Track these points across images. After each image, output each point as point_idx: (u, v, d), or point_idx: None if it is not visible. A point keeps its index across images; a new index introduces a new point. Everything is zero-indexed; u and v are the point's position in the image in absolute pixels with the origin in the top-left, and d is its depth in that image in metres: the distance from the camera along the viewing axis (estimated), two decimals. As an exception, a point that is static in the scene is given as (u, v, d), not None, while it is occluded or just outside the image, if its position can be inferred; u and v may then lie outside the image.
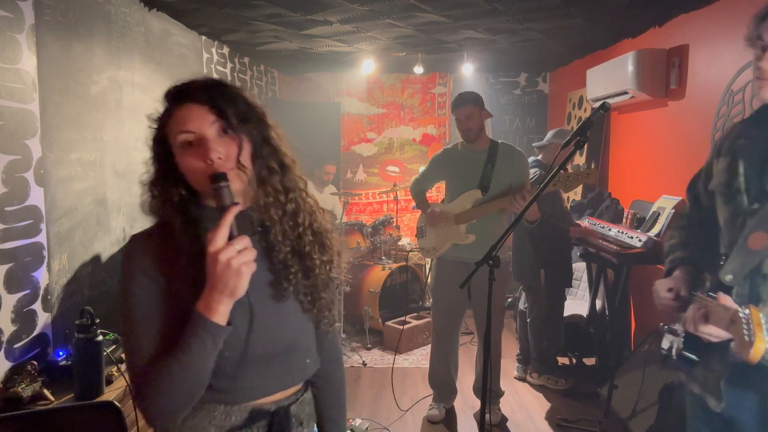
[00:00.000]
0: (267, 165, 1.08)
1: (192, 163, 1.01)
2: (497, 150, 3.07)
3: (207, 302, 0.95)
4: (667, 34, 3.54)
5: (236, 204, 0.97)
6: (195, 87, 1.05)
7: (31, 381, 1.96)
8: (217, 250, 0.94)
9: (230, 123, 1.03)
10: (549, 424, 3.24)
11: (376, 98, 6.39)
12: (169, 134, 1.04)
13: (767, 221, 1.24)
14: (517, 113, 6.24)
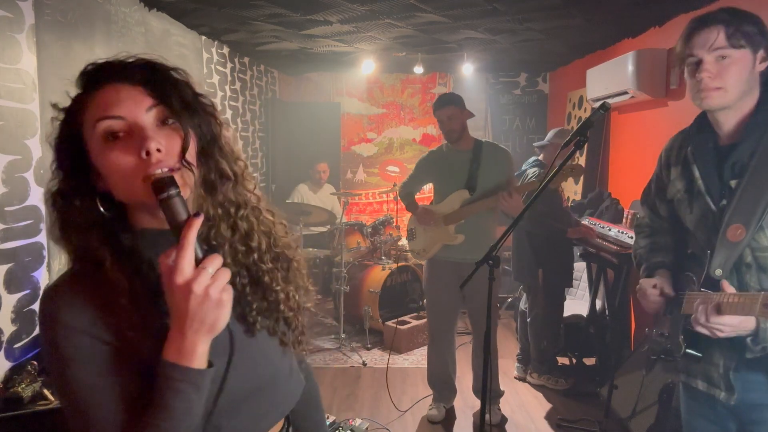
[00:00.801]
0: (218, 168, 0.86)
1: (118, 160, 0.77)
2: (482, 149, 3.09)
3: (179, 347, 0.74)
4: (667, 34, 3.54)
5: (198, 215, 0.75)
6: (125, 65, 0.82)
7: (31, 381, 1.96)
8: (187, 280, 0.72)
9: (173, 109, 0.80)
10: (549, 424, 3.24)
11: (376, 98, 6.40)
12: (84, 125, 0.79)
13: (739, 213, 1.32)
14: (517, 113, 6.24)
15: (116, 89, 0.79)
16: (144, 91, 0.80)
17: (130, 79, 0.80)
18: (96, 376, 0.77)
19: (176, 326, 0.74)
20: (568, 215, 3.74)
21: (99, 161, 0.78)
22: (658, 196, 1.69)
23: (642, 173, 3.95)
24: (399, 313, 4.67)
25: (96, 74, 0.81)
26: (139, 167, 0.76)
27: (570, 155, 1.81)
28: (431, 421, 3.28)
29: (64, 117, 0.82)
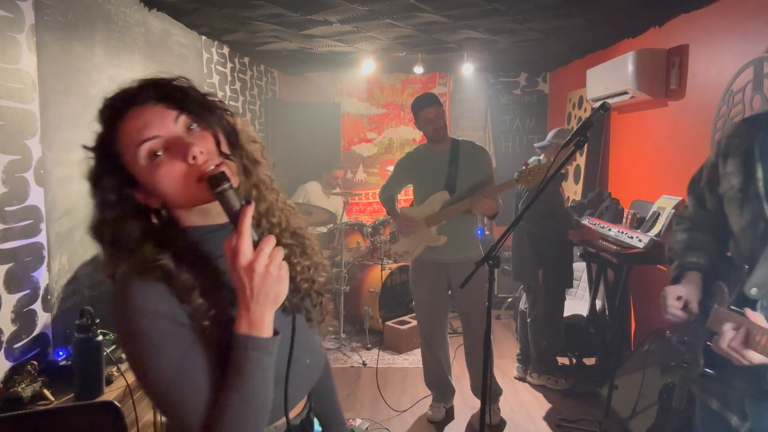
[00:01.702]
0: (247, 153, 0.95)
1: (170, 171, 0.85)
2: (459, 149, 3.10)
3: (248, 320, 0.84)
4: (667, 34, 3.54)
5: (250, 203, 0.85)
6: (136, 90, 0.89)
7: (31, 381, 1.96)
8: (250, 261, 0.82)
9: (195, 114, 0.88)
10: (549, 424, 3.24)
11: (376, 98, 6.40)
12: (124, 154, 0.86)
13: None
14: (517, 113, 6.24)
15: (139, 113, 0.86)
16: (164, 106, 0.87)
17: (146, 100, 0.87)
18: (181, 355, 0.85)
19: (243, 302, 0.84)
20: (569, 216, 3.74)
21: (150, 180, 0.86)
22: (708, 187, 1.46)
23: (642, 173, 3.95)
24: (399, 313, 4.67)
25: (116, 105, 0.88)
26: (191, 172, 0.85)
27: (570, 155, 1.81)
28: (431, 421, 3.28)
29: (97, 154, 0.89)
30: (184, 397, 0.85)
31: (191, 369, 0.85)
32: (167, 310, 0.85)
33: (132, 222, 0.87)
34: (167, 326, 0.85)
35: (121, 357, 2.26)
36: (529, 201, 1.92)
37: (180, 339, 0.85)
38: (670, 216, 3.28)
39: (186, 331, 0.86)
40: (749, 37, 2.69)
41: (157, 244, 0.88)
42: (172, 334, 0.85)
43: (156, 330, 0.84)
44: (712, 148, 1.48)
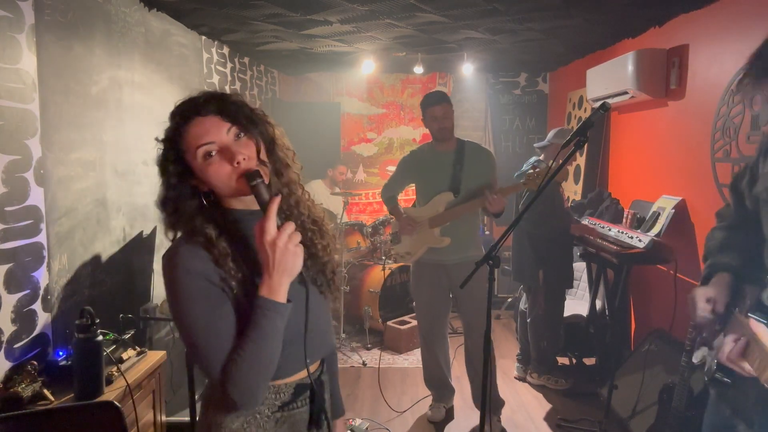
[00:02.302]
0: (280, 159, 1.19)
1: (219, 170, 1.09)
2: (464, 150, 3.07)
3: (269, 286, 1.06)
4: (667, 34, 3.54)
5: (277, 195, 1.08)
6: (201, 102, 1.12)
7: (31, 381, 1.96)
8: (273, 238, 1.04)
9: (243, 126, 1.11)
10: (549, 424, 3.24)
11: (376, 98, 6.40)
12: (187, 151, 1.11)
13: None
14: (517, 113, 6.24)
15: (201, 122, 1.10)
16: (220, 118, 1.10)
17: (208, 112, 1.10)
18: (211, 309, 1.06)
19: (266, 271, 1.06)
20: (569, 215, 3.75)
21: (203, 173, 1.10)
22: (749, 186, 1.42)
23: (642, 173, 3.95)
24: (399, 313, 4.67)
25: (184, 112, 1.11)
26: (234, 172, 1.09)
27: (570, 155, 1.81)
28: (431, 421, 3.28)
29: (165, 146, 1.12)
30: (210, 343, 1.06)
31: (218, 321, 1.06)
32: (204, 270, 1.07)
33: (188, 200, 1.12)
34: (203, 284, 1.07)
35: (121, 357, 2.26)
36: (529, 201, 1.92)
37: (212, 296, 1.07)
38: (670, 216, 3.28)
39: (218, 290, 1.08)
40: (749, 37, 2.69)
41: (206, 218, 1.11)
42: (206, 290, 1.07)
43: (194, 285, 1.06)
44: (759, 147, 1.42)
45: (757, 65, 1.18)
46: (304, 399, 1.22)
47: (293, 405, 1.20)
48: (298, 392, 1.20)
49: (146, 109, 3.13)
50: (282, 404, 1.18)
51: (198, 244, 1.09)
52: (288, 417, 1.19)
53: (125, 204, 2.92)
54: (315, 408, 1.23)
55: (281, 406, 1.18)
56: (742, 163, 2.74)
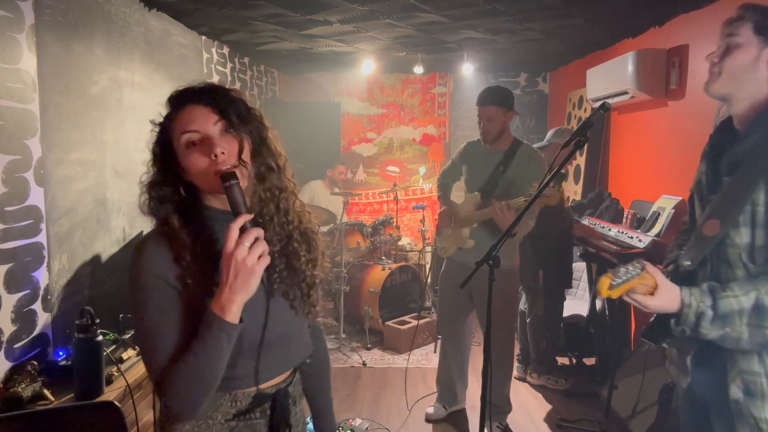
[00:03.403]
0: (266, 163, 1.15)
1: (197, 161, 1.07)
2: (515, 153, 2.89)
3: (221, 302, 1.00)
4: (667, 34, 3.54)
5: (249, 214, 1.03)
6: (197, 90, 1.11)
7: (31, 381, 1.96)
8: (230, 251, 0.99)
9: (231, 122, 1.08)
10: (549, 425, 3.24)
11: (376, 98, 6.40)
12: (173, 136, 1.09)
13: (719, 209, 1.31)
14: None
15: (192, 109, 1.08)
16: (211, 109, 1.08)
17: (201, 101, 1.09)
18: (163, 310, 1.05)
19: (222, 285, 1.00)
20: (569, 215, 3.74)
21: (184, 161, 1.08)
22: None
23: (642, 173, 3.95)
24: (399, 313, 4.67)
25: (178, 99, 1.11)
26: (211, 165, 1.06)
27: (570, 155, 1.81)
28: (428, 419, 3.28)
29: (159, 130, 1.12)
30: (154, 346, 1.04)
31: (166, 325, 1.04)
32: (164, 270, 1.04)
33: (166, 185, 1.10)
34: (159, 285, 1.04)
35: (122, 357, 2.26)
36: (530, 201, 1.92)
37: (165, 298, 1.05)
38: (670, 216, 3.28)
39: (173, 293, 1.05)
40: (749, 37, 2.69)
41: (176, 208, 1.10)
42: (160, 291, 1.04)
43: (149, 285, 1.04)
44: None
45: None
46: (264, 410, 1.17)
47: (250, 415, 1.15)
48: (257, 402, 1.16)
49: (146, 109, 3.13)
50: (237, 413, 1.14)
51: (163, 236, 1.07)
52: (243, 427, 1.15)
53: (125, 204, 2.92)
54: (275, 420, 1.18)
55: (236, 414, 1.14)
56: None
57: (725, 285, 1.26)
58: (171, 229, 1.07)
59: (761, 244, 1.25)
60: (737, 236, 1.28)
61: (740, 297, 1.22)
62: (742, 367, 1.28)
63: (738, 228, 1.28)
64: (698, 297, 1.25)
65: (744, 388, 1.28)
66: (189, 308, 1.06)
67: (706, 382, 1.40)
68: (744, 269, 1.29)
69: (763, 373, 1.26)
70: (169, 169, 1.10)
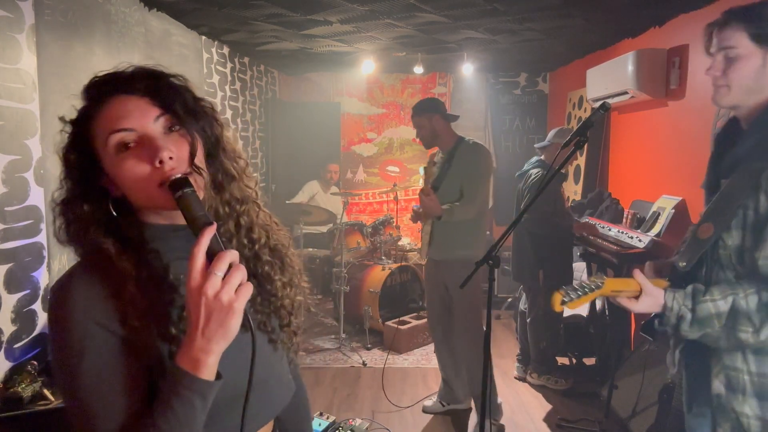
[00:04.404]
0: (224, 169, 0.91)
1: (133, 168, 0.80)
2: (456, 151, 3.13)
3: (191, 354, 0.74)
4: (667, 34, 3.54)
5: (211, 224, 0.77)
6: (127, 77, 0.84)
7: (31, 381, 1.96)
8: (197, 285, 0.73)
9: (179, 117, 0.83)
10: (549, 425, 3.24)
11: (376, 98, 6.40)
12: (96, 137, 0.83)
13: (712, 214, 1.35)
14: (517, 113, 6.24)
15: (123, 101, 0.82)
16: (149, 101, 0.83)
17: (134, 90, 0.83)
18: (103, 367, 0.77)
19: (189, 332, 0.75)
20: (570, 215, 3.75)
21: (113, 170, 0.82)
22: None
23: (642, 173, 3.95)
24: (399, 313, 4.67)
25: (101, 87, 0.84)
26: (154, 175, 0.80)
27: (570, 155, 1.81)
28: (425, 410, 3.31)
29: (72, 129, 0.86)
30: (96, 420, 0.76)
31: (110, 388, 0.77)
32: (98, 312, 0.78)
33: (88, 203, 0.84)
34: (94, 332, 0.77)
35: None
36: (530, 201, 1.92)
37: (105, 348, 0.78)
38: (670, 216, 3.28)
39: (116, 342, 0.78)
40: (749, 37, 2.69)
41: (108, 231, 0.83)
42: (97, 341, 0.77)
43: (81, 335, 0.77)
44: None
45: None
46: None
47: None
48: None
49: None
50: None
51: (94, 269, 0.81)
52: None
53: (125, 204, 2.92)
54: None
55: None
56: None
57: (707, 289, 1.29)
58: (104, 257, 0.80)
59: (748, 247, 1.28)
60: (729, 239, 1.31)
61: (718, 301, 1.26)
62: (725, 363, 1.32)
63: (730, 231, 1.30)
64: (680, 300, 1.30)
65: (726, 383, 1.31)
66: (138, 361, 0.79)
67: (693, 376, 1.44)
68: (734, 271, 1.32)
69: (746, 369, 1.29)
70: (90, 182, 0.84)
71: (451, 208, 2.98)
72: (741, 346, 1.27)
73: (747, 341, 1.24)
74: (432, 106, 3.17)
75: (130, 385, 0.78)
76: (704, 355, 1.37)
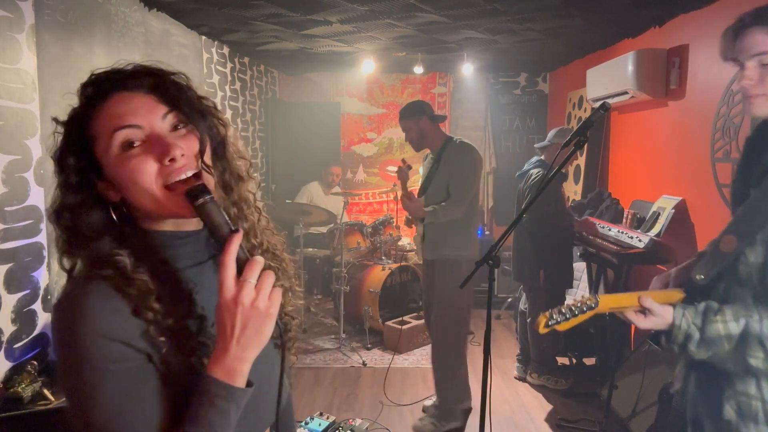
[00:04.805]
0: (231, 168, 0.89)
1: (141, 168, 0.76)
2: (443, 152, 3.13)
3: (226, 364, 0.74)
4: (667, 34, 3.54)
5: (237, 231, 0.76)
6: (129, 73, 0.81)
7: (31, 381, 1.96)
8: (232, 295, 0.73)
9: (186, 115, 0.81)
10: (549, 425, 3.24)
11: (376, 98, 6.39)
12: (97, 137, 0.78)
13: (737, 225, 1.27)
14: (517, 113, 6.24)
15: (126, 98, 0.78)
16: (155, 98, 0.80)
17: (138, 87, 0.80)
18: (129, 387, 0.74)
19: (222, 341, 0.74)
20: (570, 215, 3.75)
21: (116, 171, 0.78)
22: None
23: (642, 173, 3.95)
24: (399, 313, 4.67)
25: (102, 84, 0.80)
26: (162, 174, 0.77)
27: (570, 155, 1.81)
28: (423, 410, 3.33)
29: (69, 129, 0.80)
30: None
31: (136, 409, 0.74)
32: (118, 330, 0.73)
33: (93, 211, 0.79)
34: (115, 350, 0.73)
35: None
36: (530, 201, 1.92)
37: (128, 368, 0.74)
38: (670, 216, 3.28)
39: (139, 359, 0.75)
40: (749, 37, 2.69)
41: (116, 239, 0.79)
42: (122, 362, 0.73)
43: (102, 353, 0.72)
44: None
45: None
46: None
47: None
48: None
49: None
50: None
51: (106, 282, 0.75)
52: None
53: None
54: None
55: None
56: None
57: (720, 308, 1.22)
58: (120, 270, 0.75)
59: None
60: (752, 254, 1.21)
61: (729, 323, 1.19)
62: (738, 388, 1.25)
63: (754, 246, 1.20)
64: (689, 318, 1.23)
65: (738, 409, 1.25)
66: (164, 378, 0.76)
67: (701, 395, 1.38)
68: (752, 290, 1.23)
69: (759, 397, 1.23)
70: (91, 186, 0.79)
71: (435, 210, 2.99)
72: (751, 371, 1.20)
73: (757, 367, 1.17)
74: (418, 110, 3.19)
75: (158, 404, 0.75)
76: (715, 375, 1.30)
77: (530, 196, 3.55)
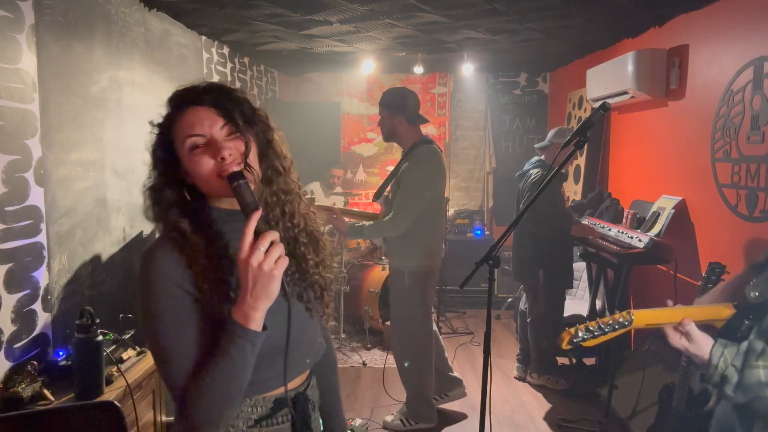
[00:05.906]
0: (272, 166, 1.13)
1: (202, 163, 1.05)
2: (407, 156, 3.03)
3: (242, 310, 0.97)
4: (667, 34, 3.54)
5: (257, 209, 0.99)
6: (200, 91, 1.08)
7: (31, 381, 1.96)
8: (246, 257, 0.95)
9: (237, 125, 1.07)
10: (549, 424, 3.24)
11: (376, 98, 6.37)
12: (176, 139, 1.07)
13: None
14: (517, 113, 6.24)
15: (196, 112, 1.06)
16: (216, 111, 1.06)
17: (204, 102, 1.07)
18: (181, 318, 1.02)
19: (242, 293, 0.97)
20: (570, 216, 3.75)
21: (188, 164, 1.07)
22: None
23: (642, 173, 3.95)
24: (399, 313, 4.66)
25: (180, 99, 1.08)
26: (216, 168, 1.04)
27: (570, 155, 1.81)
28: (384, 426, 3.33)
29: (160, 131, 1.09)
30: (174, 358, 1.02)
31: (185, 334, 1.02)
32: (178, 276, 1.02)
33: (170, 189, 1.08)
34: (175, 291, 1.01)
35: (122, 357, 2.26)
36: (530, 201, 1.92)
37: (183, 305, 1.02)
38: (670, 216, 3.28)
39: (189, 299, 1.02)
40: (749, 37, 2.69)
41: (184, 212, 1.07)
42: (177, 298, 1.02)
43: (165, 291, 1.01)
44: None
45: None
46: (286, 415, 1.14)
47: (272, 420, 1.13)
48: (278, 407, 1.13)
49: (146, 110, 3.13)
50: (259, 418, 1.11)
51: (173, 242, 1.04)
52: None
53: (125, 204, 2.92)
54: (297, 425, 1.16)
55: (258, 420, 1.11)
56: (742, 163, 2.74)
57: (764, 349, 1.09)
58: (181, 233, 1.04)
59: None
60: None
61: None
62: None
63: None
64: (728, 358, 1.11)
65: None
66: (206, 316, 1.03)
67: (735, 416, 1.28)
68: None
69: None
70: (172, 173, 1.08)
71: (361, 228, 2.90)
72: None
73: None
74: (397, 105, 3.03)
75: (200, 334, 1.02)
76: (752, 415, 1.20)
77: (529, 195, 3.56)
